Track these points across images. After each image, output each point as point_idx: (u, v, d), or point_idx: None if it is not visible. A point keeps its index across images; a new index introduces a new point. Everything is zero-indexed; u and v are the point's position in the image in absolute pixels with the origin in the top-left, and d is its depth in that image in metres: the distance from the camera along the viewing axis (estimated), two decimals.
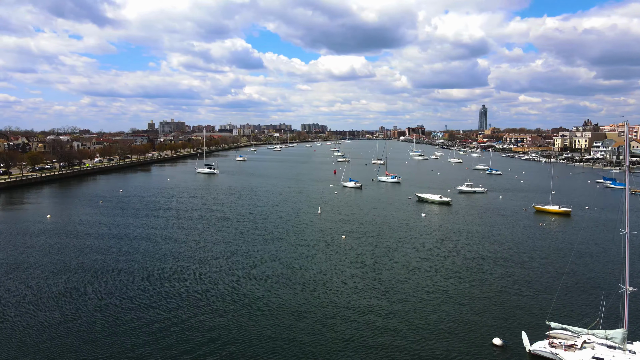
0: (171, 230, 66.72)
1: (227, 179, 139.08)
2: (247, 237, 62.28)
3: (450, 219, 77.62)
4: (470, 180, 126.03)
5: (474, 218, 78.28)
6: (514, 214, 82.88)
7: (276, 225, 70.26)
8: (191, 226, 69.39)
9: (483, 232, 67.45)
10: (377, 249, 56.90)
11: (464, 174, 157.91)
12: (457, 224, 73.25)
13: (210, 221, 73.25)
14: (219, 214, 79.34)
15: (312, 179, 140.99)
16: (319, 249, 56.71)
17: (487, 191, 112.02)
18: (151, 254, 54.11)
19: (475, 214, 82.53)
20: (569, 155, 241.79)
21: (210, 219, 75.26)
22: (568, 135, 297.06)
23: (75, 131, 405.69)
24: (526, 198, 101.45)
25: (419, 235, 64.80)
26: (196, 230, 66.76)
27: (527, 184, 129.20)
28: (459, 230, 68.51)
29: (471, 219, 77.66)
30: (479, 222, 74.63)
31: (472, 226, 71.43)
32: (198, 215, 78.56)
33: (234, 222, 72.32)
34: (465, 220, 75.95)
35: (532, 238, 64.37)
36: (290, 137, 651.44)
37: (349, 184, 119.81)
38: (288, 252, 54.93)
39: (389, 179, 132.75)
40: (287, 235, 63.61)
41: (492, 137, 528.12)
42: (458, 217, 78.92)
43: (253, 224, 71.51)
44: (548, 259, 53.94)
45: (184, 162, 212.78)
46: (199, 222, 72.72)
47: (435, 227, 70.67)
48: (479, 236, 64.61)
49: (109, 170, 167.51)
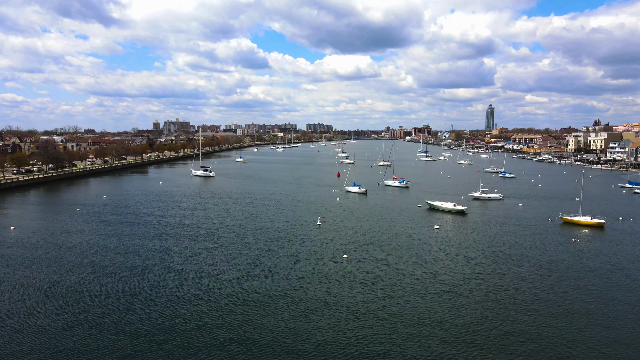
0: (143, 246, 57.69)
1: (224, 183, 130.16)
2: (232, 259, 53.09)
3: (467, 233, 68.08)
4: (483, 184, 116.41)
5: (495, 232, 68.68)
6: (539, 226, 73.18)
7: (269, 241, 61.07)
8: (168, 241, 60.34)
9: (509, 251, 57.88)
10: (385, 275, 47.55)
11: (475, 178, 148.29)
12: (477, 239, 63.72)
13: (193, 235, 64.15)
14: (205, 226, 70.27)
15: (314, 182, 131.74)
16: (316, 274, 47.44)
17: (503, 197, 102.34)
18: (111, 277, 45.07)
19: (495, 226, 72.94)
20: (584, 157, 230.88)
21: (194, 232, 66.18)
22: (582, 135, 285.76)
23: (77, 131, 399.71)
24: (549, 206, 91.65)
25: (434, 255, 55.34)
26: (173, 246, 57.70)
27: (546, 189, 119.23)
28: (481, 248, 58.99)
29: (492, 233, 68.06)
30: (502, 238, 65.03)
31: (495, 243, 61.85)
32: (181, 227, 69.55)
33: (220, 237, 63.20)
34: (486, 235, 66.37)
35: (571, 260, 54.69)
36: (294, 137, 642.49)
37: (353, 189, 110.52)
38: (278, 280, 45.73)
39: (396, 183, 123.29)
40: (279, 255, 54.41)
41: (501, 137, 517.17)
42: (476, 231, 69.38)
43: (243, 238, 62.36)
44: (596, 286, 44.35)
45: (183, 164, 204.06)
46: (179, 236, 63.66)
47: (452, 244, 61.17)
48: (507, 257, 55.03)
49: (101, 172, 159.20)
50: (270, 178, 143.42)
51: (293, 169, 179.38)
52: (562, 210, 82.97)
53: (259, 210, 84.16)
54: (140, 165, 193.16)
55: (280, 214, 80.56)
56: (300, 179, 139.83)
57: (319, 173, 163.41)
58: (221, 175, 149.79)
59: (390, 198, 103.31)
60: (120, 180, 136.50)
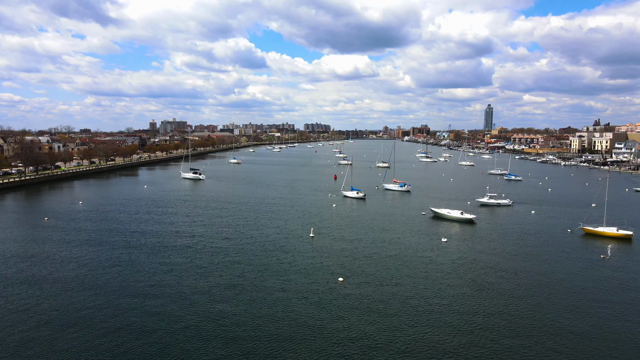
0: (107, 262, 49.74)
1: (213, 187, 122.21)
2: (207, 282, 45.21)
3: (481, 248, 60.31)
4: (489, 188, 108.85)
5: (511, 247, 60.90)
6: (559, 239, 65.47)
7: (253, 259, 53.24)
8: (136, 257, 52.38)
9: (532, 272, 50.13)
10: (390, 306, 39.72)
11: (480, 180, 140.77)
12: (492, 255, 55.98)
13: (166, 250, 56.21)
14: (184, 239, 62.34)
15: (309, 186, 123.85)
16: (304, 305, 39.60)
17: (513, 203, 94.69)
18: (61, 298, 37.14)
19: (509, 239, 65.19)
20: (589, 158, 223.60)
21: (168, 246, 58.24)
22: (586, 135, 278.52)
23: (70, 130, 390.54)
24: (565, 214, 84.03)
25: (446, 279, 47.56)
26: (140, 264, 49.74)
27: (557, 194, 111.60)
28: (499, 268, 51.23)
29: (509, 248, 60.28)
30: (519, 253, 57.28)
31: (514, 262, 54.07)
32: (155, 239, 61.58)
33: (199, 254, 55.32)
34: (502, 252, 58.58)
35: (604, 281, 46.94)
36: (292, 137, 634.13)
37: (350, 194, 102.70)
38: (258, 310, 37.92)
39: (397, 187, 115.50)
40: (263, 278, 46.58)
41: (500, 137, 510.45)
42: (490, 244, 61.62)
43: (225, 256, 54.49)
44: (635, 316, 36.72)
45: (176, 165, 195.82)
46: (151, 250, 55.71)
47: (465, 263, 53.40)
48: (530, 280, 47.24)
49: (86, 175, 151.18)
50: (263, 181, 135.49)
51: (288, 171, 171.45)
52: (580, 219, 75.44)
53: (247, 220, 76.30)
54: (129, 166, 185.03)
55: (270, 224, 72.71)
56: (295, 182, 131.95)
57: (315, 175, 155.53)
58: (211, 178, 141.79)
59: (390, 204, 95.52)
60: (104, 184, 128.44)
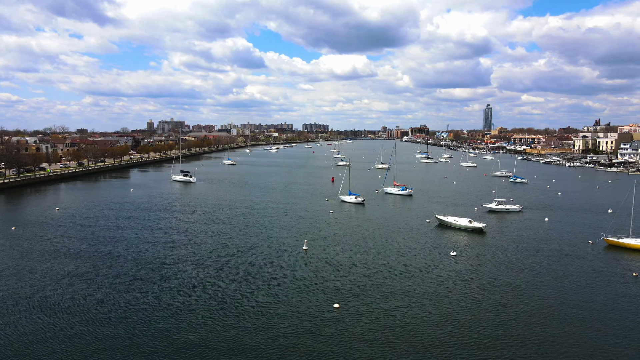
0: (67, 280, 43.06)
1: (204, 190, 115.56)
2: (182, 305, 38.55)
3: (494, 262, 53.79)
4: (495, 192, 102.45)
5: (528, 260, 54.35)
6: (580, 251, 59.01)
7: (239, 277, 46.65)
8: (102, 275, 45.64)
9: (556, 289, 43.60)
10: (395, 338, 33.16)
11: (484, 183, 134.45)
12: (509, 272, 49.44)
13: (140, 265, 49.52)
14: (162, 251, 55.67)
15: (305, 190, 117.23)
16: (293, 337, 33.00)
17: (523, 209, 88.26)
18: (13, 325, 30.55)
19: (525, 250, 58.67)
20: (594, 159, 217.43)
21: (142, 260, 51.56)
22: (589, 136, 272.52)
23: (64, 130, 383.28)
24: (582, 222, 77.62)
25: (458, 300, 41.00)
26: (107, 283, 43.07)
27: (568, 198, 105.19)
28: (517, 285, 44.69)
29: (525, 261, 53.73)
30: (539, 269, 50.73)
31: (534, 277, 47.53)
32: (130, 252, 54.82)
33: (175, 270, 48.67)
34: (519, 266, 52.05)
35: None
36: (290, 137, 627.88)
37: (348, 199, 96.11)
38: (239, 343, 31.31)
39: (398, 190, 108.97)
40: (248, 300, 39.99)
41: (500, 137, 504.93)
42: (505, 259, 55.10)
43: (205, 272, 47.85)
44: None
45: (169, 166, 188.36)
46: (122, 265, 48.99)
47: (478, 281, 46.85)
48: (557, 302, 40.65)
49: (73, 177, 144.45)
50: (256, 184, 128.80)
51: (284, 173, 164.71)
52: (599, 227, 69.20)
53: (235, 229, 69.69)
54: (119, 168, 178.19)
55: (260, 234, 66.10)
56: (290, 186, 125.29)
57: (311, 178, 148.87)
58: (203, 181, 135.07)
59: (392, 211, 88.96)
60: (89, 187, 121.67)
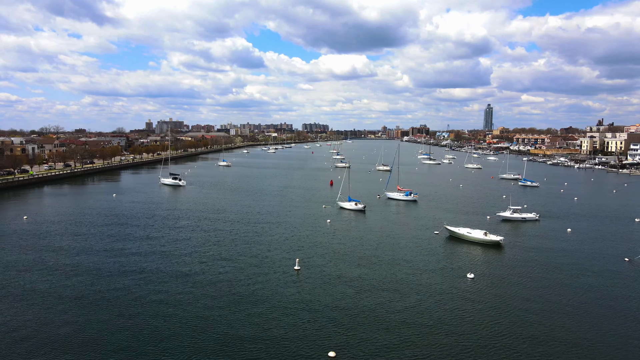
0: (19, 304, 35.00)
1: (192, 196, 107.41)
2: (143, 349, 30.46)
3: (519, 287, 45.59)
4: (506, 197, 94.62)
5: (560, 283, 46.19)
6: (617, 271, 50.81)
7: (214, 309, 38.53)
8: (58, 297, 37.55)
9: (602, 320, 35.50)
10: None
11: (492, 187, 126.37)
12: (538, 301, 41.27)
13: (102, 287, 41.38)
14: (128, 273, 47.50)
15: (301, 195, 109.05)
16: None
17: (540, 218, 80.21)
18: None
19: (555, 271, 50.49)
20: (604, 160, 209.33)
21: (105, 281, 43.41)
22: (597, 136, 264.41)
23: (59, 130, 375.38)
24: (610, 234, 69.32)
25: (485, 346, 32.91)
26: (57, 312, 34.95)
27: (587, 204, 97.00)
28: (554, 323, 36.54)
29: (558, 286, 45.57)
30: (576, 295, 42.57)
31: (571, 308, 39.39)
32: (92, 271, 46.65)
33: (141, 298, 40.53)
34: (551, 291, 43.86)
35: None
36: (289, 137, 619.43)
37: (348, 205, 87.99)
38: None
39: (402, 195, 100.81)
40: (221, 344, 31.86)
41: (502, 137, 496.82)
42: (533, 282, 46.91)
43: (179, 304, 39.75)
44: None
45: (164, 167, 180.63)
46: (81, 289, 40.86)
47: (506, 311, 38.68)
48: (609, 340, 32.63)
49: (57, 180, 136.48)
50: (250, 188, 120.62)
51: (280, 176, 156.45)
52: (632, 240, 61.30)
53: (220, 244, 61.58)
54: (108, 170, 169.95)
55: (247, 251, 57.98)
56: (286, 190, 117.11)
57: (309, 181, 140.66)
58: (193, 185, 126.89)
59: (395, 219, 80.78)
60: (70, 192, 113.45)
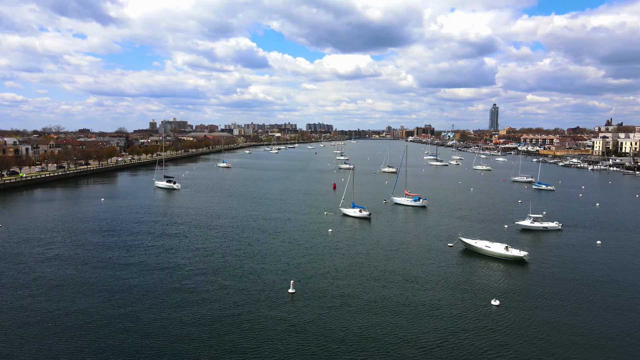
0: None
1: (186, 200, 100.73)
2: None
3: (553, 314, 38.39)
4: (522, 202, 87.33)
5: (601, 308, 38.91)
6: None
7: (192, 342, 31.66)
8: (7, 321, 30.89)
9: None
10: None
11: (505, 191, 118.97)
12: (580, 324, 34.09)
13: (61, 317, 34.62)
14: (103, 292, 40.72)
15: (302, 201, 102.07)
16: None
17: (562, 227, 72.90)
18: None
19: (590, 292, 43.28)
20: (618, 161, 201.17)
21: (69, 299, 36.65)
22: (610, 136, 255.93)
23: (59, 130, 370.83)
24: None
25: None
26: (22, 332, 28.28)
27: (610, 211, 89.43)
28: None
29: (600, 311, 38.26)
30: (627, 329, 35.42)
31: (623, 343, 32.29)
32: (53, 291, 39.93)
33: (113, 325, 33.71)
34: (596, 318, 36.62)
35: None
36: (292, 137, 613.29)
37: (351, 212, 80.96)
38: None
39: (410, 201, 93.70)
40: None
41: (509, 137, 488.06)
42: (567, 306, 39.68)
43: (150, 334, 32.88)
44: None
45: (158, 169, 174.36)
46: (27, 319, 34.12)
47: (551, 354, 31.59)
48: None
49: (48, 182, 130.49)
50: (248, 192, 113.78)
51: (281, 178, 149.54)
52: None
53: (209, 258, 54.75)
54: (103, 171, 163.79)
55: (237, 269, 51.06)
56: (286, 195, 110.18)
57: (311, 184, 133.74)
58: (189, 188, 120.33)
59: (404, 229, 73.63)
60: (57, 195, 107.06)
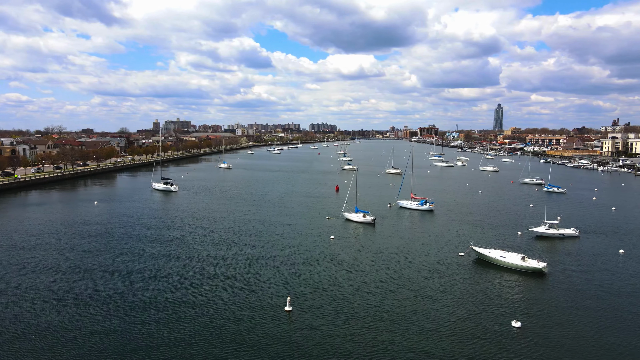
0: None
1: (183, 204, 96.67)
2: None
3: (583, 336, 34.06)
4: (533, 205, 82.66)
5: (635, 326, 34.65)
6: None
7: None
8: None
9: None
10: None
11: (514, 193, 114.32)
12: (614, 346, 29.85)
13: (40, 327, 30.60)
14: (79, 306, 36.69)
15: (303, 203, 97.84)
16: None
17: (579, 233, 68.41)
18: None
19: (620, 308, 38.93)
20: (629, 162, 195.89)
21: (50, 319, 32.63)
22: (619, 137, 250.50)
23: (61, 130, 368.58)
24: None
25: None
26: None
27: (629, 215, 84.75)
28: None
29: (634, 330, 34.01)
30: None
31: None
32: (37, 300, 35.98)
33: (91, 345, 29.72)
34: (631, 338, 32.33)
35: None
36: (295, 137, 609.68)
37: (354, 217, 76.72)
38: None
39: (417, 205, 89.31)
40: None
41: (514, 137, 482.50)
42: (596, 325, 35.36)
43: (134, 352, 28.87)
44: None
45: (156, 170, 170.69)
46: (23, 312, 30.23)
47: None
48: None
49: (42, 184, 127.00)
50: (248, 195, 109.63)
51: (283, 180, 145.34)
52: None
53: (201, 269, 50.65)
54: (101, 172, 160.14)
55: (232, 280, 46.93)
56: (287, 198, 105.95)
57: (313, 186, 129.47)
58: (187, 190, 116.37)
59: (411, 235, 69.24)
60: (52, 197, 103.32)
